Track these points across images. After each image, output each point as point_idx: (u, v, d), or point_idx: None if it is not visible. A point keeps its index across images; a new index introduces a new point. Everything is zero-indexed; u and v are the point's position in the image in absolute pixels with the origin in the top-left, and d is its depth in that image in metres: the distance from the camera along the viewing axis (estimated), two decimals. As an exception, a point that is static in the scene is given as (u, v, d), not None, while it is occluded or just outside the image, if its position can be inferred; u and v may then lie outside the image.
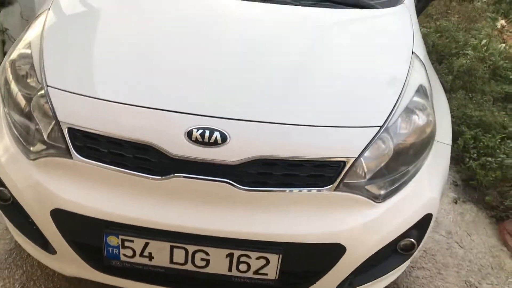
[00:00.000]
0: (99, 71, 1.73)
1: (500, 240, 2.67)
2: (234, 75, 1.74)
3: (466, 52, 4.35)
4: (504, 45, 4.46)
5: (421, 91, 1.87)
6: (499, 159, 2.99)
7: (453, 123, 3.38)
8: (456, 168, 3.18)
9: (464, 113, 3.50)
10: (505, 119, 3.50)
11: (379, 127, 1.67)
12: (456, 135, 3.35)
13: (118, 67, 1.74)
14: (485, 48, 4.33)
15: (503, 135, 3.30)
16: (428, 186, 1.83)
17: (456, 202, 2.92)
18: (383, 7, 2.22)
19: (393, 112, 1.73)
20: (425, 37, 4.71)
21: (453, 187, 3.06)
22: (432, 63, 4.28)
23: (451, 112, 3.51)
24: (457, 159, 3.23)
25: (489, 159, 3.02)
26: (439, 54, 4.48)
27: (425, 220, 1.81)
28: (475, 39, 4.67)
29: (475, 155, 3.11)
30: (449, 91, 3.91)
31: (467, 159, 3.11)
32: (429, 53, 4.49)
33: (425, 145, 1.81)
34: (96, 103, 1.62)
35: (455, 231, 2.69)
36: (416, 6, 2.46)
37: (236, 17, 2.04)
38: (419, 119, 1.80)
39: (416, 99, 1.82)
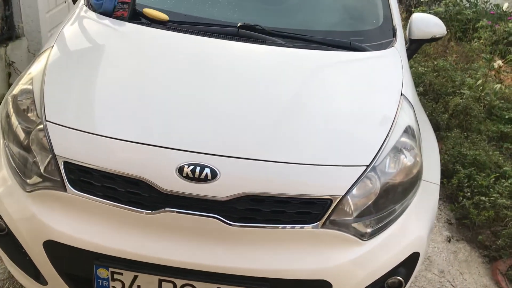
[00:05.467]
0: (96, 108, 1.79)
1: (493, 280, 2.67)
2: (225, 113, 1.80)
3: (462, 91, 4.42)
4: (500, 85, 4.53)
5: (409, 131, 1.92)
6: (492, 198, 3.01)
7: (448, 161, 3.45)
8: (450, 206, 3.20)
9: (459, 151, 3.53)
10: (500, 158, 3.53)
11: (366, 166, 1.72)
12: (451, 174, 3.39)
13: (114, 104, 1.80)
14: (481, 88, 4.41)
15: (497, 174, 3.33)
16: (415, 225, 1.86)
17: (449, 241, 2.93)
18: (374, 50, 2.30)
19: (381, 151, 1.77)
20: (422, 76, 4.81)
21: (447, 225, 3.08)
22: (429, 102, 4.38)
23: (446, 151, 3.58)
24: (451, 198, 3.26)
25: (483, 198, 3.04)
26: (435, 93, 4.55)
27: (412, 259, 1.83)
28: (472, 78, 4.75)
29: (469, 194, 3.13)
30: (444, 129, 3.97)
31: (461, 198, 3.13)
32: (426, 92, 4.59)
33: (412, 185, 1.85)
34: (92, 138, 1.68)
35: (447, 270, 2.69)
36: (407, 49, 2.54)
37: (230, 57, 2.12)
38: (407, 159, 1.85)
39: (404, 139, 1.87)
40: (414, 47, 2.71)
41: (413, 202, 1.87)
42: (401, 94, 2.04)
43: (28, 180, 1.74)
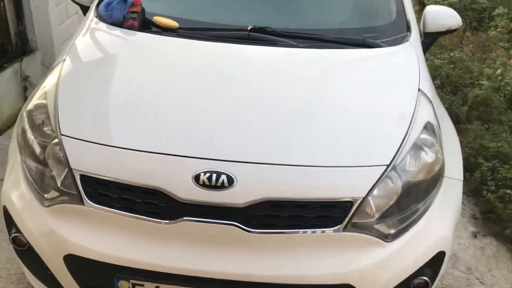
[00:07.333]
0: (110, 119, 1.79)
1: (523, 275, 2.59)
2: (240, 118, 1.78)
3: (481, 82, 4.33)
4: (519, 74, 4.42)
5: (428, 128, 1.87)
6: (518, 191, 2.93)
7: (469, 154, 3.37)
8: (474, 200, 3.13)
9: (481, 144, 3.45)
10: (524, 149, 3.44)
11: (386, 166, 1.68)
12: (473, 167, 3.31)
13: (127, 115, 1.80)
14: (500, 77, 4.30)
15: (522, 165, 3.24)
16: (440, 223, 1.81)
17: (475, 236, 2.86)
18: (389, 46, 2.25)
19: (400, 149, 1.73)
20: (438, 68, 4.72)
21: (472, 220, 3.00)
22: (447, 94, 4.29)
23: (467, 144, 3.50)
24: (474, 192, 3.18)
25: (508, 191, 2.96)
26: (453, 85, 4.46)
27: (438, 258, 1.79)
28: (490, 68, 4.64)
29: (493, 187, 3.05)
30: (464, 122, 3.89)
31: (485, 192, 3.05)
32: (443, 84, 4.50)
33: (434, 183, 1.80)
34: (107, 150, 1.67)
35: (475, 267, 2.62)
36: (422, 43, 2.48)
37: (242, 61, 2.10)
38: (427, 156, 1.80)
39: (424, 136, 1.83)
40: (429, 40, 2.65)
41: (436, 200, 1.82)
42: (419, 90, 1.99)
43: (45, 195, 1.74)
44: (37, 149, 1.78)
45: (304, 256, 1.64)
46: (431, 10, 2.61)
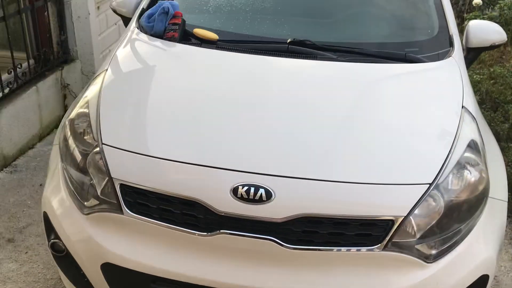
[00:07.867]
0: (150, 130, 1.80)
1: None
2: (279, 132, 1.77)
3: (523, 99, 4.19)
4: None
5: (472, 146, 1.82)
6: None
7: (511, 174, 3.25)
8: (516, 222, 3.01)
9: (523, 163, 3.33)
10: None
11: (429, 184, 1.63)
12: (514, 187, 3.19)
13: (168, 126, 1.81)
14: (543, 94, 4.16)
15: None
16: (483, 245, 1.75)
17: (517, 259, 2.75)
18: (431, 61, 2.20)
19: (444, 168, 1.69)
20: (478, 84, 4.60)
21: (513, 242, 2.89)
22: (487, 111, 4.18)
23: (508, 163, 3.38)
24: (516, 213, 3.06)
25: (552, 213, 2.84)
26: (493, 101, 4.34)
27: (481, 282, 1.73)
28: (533, 85, 4.50)
29: (537, 208, 2.93)
30: (505, 140, 3.77)
31: (528, 213, 2.93)
32: (483, 100, 4.38)
33: (478, 203, 1.74)
34: (147, 160, 1.68)
35: (516, 291, 2.52)
36: (465, 58, 2.42)
37: (281, 74, 2.09)
38: (471, 175, 1.74)
39: (468, 154, 1.77)
40: (472, 55, 2.59)
41: (480, 221, 1.76)
42: (462, 107, 1.94)
43: (85, 203, 1.76)
44: (78, 157, 1.81)
45: (342, 275, 1.61)
46: (474, 25, 2.55)
